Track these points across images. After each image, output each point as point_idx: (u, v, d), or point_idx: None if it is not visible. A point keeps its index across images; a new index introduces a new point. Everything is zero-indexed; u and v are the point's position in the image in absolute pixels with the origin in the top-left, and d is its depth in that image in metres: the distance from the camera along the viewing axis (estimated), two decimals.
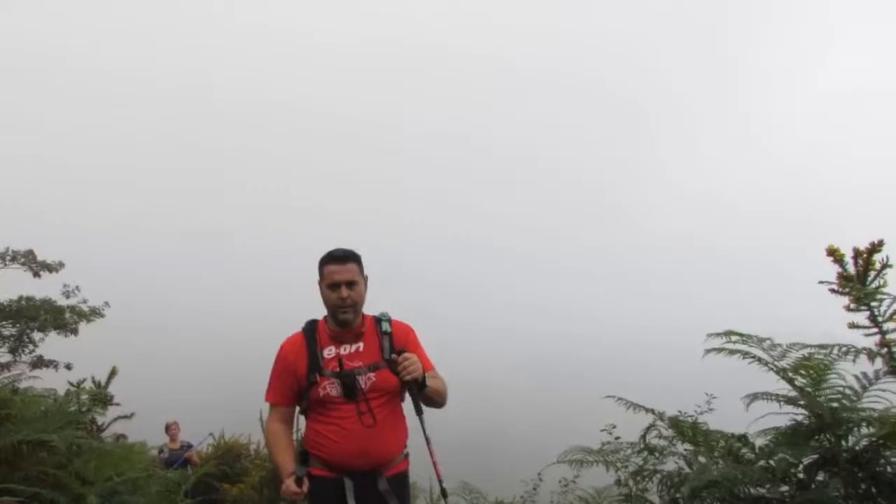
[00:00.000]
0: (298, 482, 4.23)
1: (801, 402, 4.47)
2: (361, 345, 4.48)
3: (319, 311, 4.63)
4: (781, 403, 4.56)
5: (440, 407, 4.61)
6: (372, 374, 4.36)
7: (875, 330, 4.07)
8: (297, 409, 4.62)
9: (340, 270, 4.43)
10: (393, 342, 4.51)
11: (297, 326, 4.65)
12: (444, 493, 4.57)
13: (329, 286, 4.42)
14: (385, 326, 4.57)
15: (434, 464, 4.42)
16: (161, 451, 14.29)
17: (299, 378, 4.42)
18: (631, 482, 5.63)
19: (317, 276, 4.56)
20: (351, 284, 4.41)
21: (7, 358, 21.86)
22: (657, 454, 5.39)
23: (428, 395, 4.43)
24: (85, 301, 23.76)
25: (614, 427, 7.83)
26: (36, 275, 22.61)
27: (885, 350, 4.09)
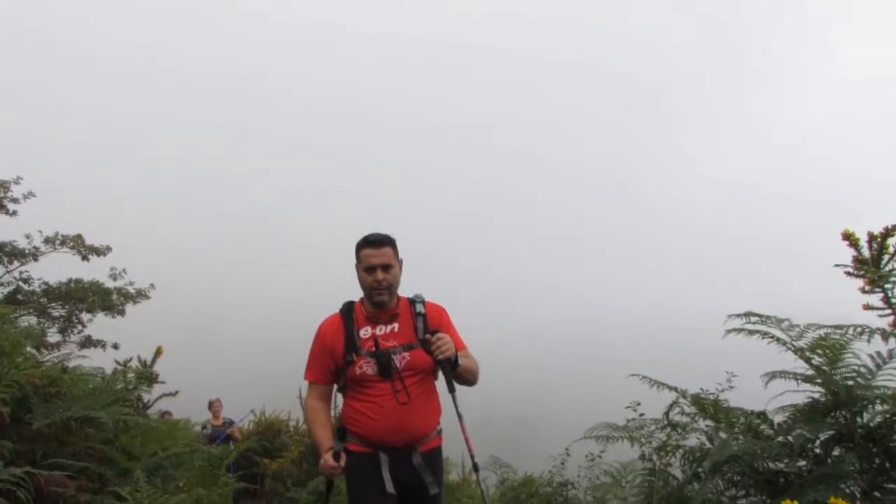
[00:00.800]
0: (336, 457, 4.27)
1: (818, 381, 4.49)
2: (396, 325, 4.51)
3: (356, 293, 4.67)
4: (799, 381, 4.57)
5: (472, 385, 4.64)
6: (406, 354, 4.40)
7: (889, 311, 4.08)
8: (335, 387, 4.68)
9: (376, 254, 4.46)
10: (427, 323, 4.54)
11: (335, 308, 4.70)
12: (475, 468, 4.62)
13: (365, 269, 4.46)
14: (419, 308, 4.60)
15: (466, 439, 4.46)
16: (204, 427, 14.43)
17: (336, 357, 4.48)
18: (655, 457, 5.65)
19: (354, 260, 4.60)
20: (386, 268, 4.45)
21: (57, 338, 21.99)
22: (680, 430, 5.41)
23: (460, 373, 4.45)
24: (131, 283, 23.91)
25: (639, 404, 7.84)
26: (84, 258, 22.73)
27: None
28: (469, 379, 4.58)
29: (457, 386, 4.45)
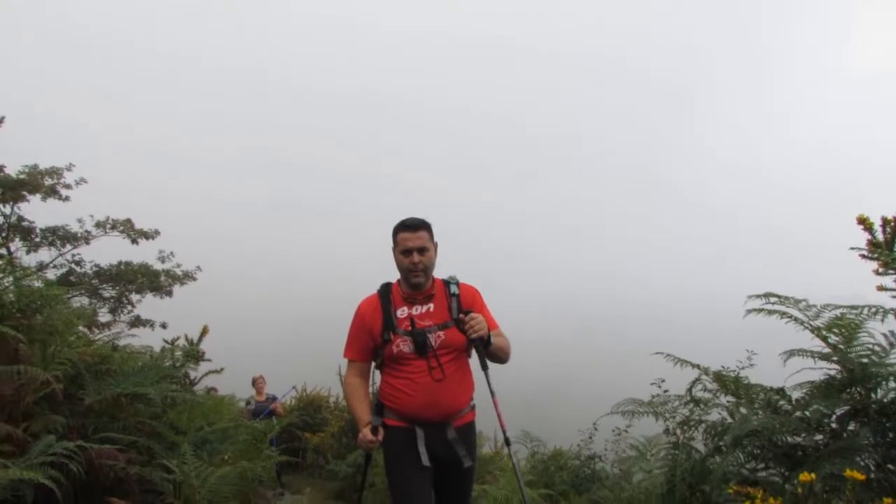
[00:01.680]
0: (374, 431, 4.31)
1: (834, 358, 4.52)
2: (431, 306, 4.54)
3: (393, 275, 4.71)
4: (816, 359, 4.60)
5: (504, 363, 4.66)
6: (441, 333, 4.43)
7: None
8: (373, 364, 4.73)
9: (412, 238, 4.50)
10: (460, 303, 4.56)
11: (373, 289, 4.74)
12: (507, 442, 4.64)
13: (402, 252, 4.50)
14: (453, 289, 4.62)
15: (498, 415, 4.47)
16: (248, 402, 14.54)
17: (375, 336, 4.51)
18: (678, 431, 5.69)
19: (391, 243, 4.65)
20: (422, 251, 4.47)
21: (107, 318, 22.09)
22: (702, 406, 5.45)
23: (493, 352, 4.47)
24: (179, 265, 23.95)
25: (663, 381, 7.86)
26: (134, 242, 22.80)
27: None
28: (501, 357, 4.60)
29: (489, 363, 4.47)
